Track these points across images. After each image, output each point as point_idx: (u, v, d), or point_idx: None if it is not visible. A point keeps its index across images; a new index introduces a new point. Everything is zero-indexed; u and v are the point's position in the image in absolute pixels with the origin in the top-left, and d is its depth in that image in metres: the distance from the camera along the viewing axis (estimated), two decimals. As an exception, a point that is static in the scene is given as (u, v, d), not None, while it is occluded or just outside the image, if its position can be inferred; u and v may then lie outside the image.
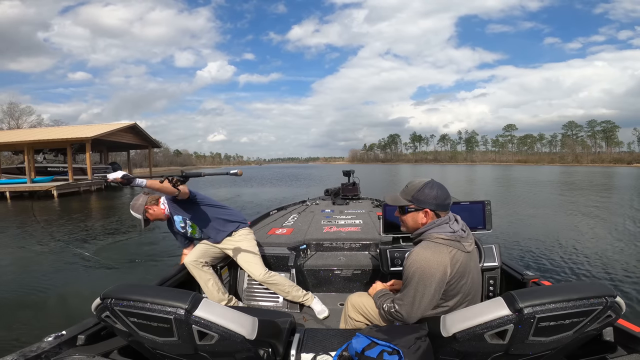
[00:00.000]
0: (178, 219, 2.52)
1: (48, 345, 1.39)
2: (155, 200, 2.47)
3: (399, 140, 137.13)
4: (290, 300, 2.56)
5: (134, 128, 26.09)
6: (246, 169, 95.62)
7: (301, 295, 2.53)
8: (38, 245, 7.31)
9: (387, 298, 1.60)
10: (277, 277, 2.51)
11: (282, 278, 2.54)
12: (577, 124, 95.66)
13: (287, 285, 2.52)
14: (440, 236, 1.45)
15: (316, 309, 2.51)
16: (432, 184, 1.52)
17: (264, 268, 2.50)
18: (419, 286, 1.41)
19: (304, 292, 2.56)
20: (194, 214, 2.48)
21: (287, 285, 2.51)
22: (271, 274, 2.50)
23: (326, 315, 2.48)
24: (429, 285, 1.40)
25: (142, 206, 2.40)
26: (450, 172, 44.78)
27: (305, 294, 2.55)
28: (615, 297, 1.14)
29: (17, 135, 23.79)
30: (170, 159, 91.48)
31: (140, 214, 2.40)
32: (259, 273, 2.46)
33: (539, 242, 6.39)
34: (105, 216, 11.70)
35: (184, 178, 1.87)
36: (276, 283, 2.49)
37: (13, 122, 49.37)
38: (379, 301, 1.62)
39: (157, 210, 2.46)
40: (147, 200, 2.43)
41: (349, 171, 6.50)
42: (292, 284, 2.56)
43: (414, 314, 1.44)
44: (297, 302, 2.55)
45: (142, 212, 2.40)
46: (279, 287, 2.50)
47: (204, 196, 2.55)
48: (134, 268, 5.56)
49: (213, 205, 2.56)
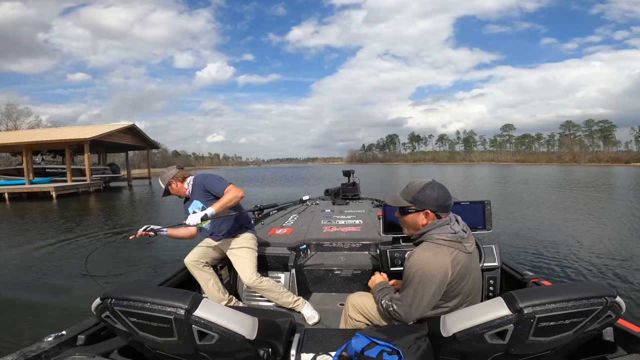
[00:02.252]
0: (196, 204, 2.50)
1: (48, 345, 1.39)
2: (182, 177, 2.51)
3: (397, 140, 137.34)
4: (280, 307, 2.52)
5: (132, 129, 26.04)
6: (244, 169, 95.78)
7: (291, 302, 2.49)
8: (37, 245, 7.28)
9: (386, 293, 1.59)
10: (266, 282, 2.46)
11: (272, 284, 2.49)
12: (574, 123, 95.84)
13: (277, 291, 2.47)
14: (441, 237, 1.44)
15: (306, 315, 2.47)
16: (433, 184, 1.51)
17: (255, 274, 2.45)
18: (419, 287, 1.41)
19: (295, 297, 2.53)
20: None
21: (276, 291, 2.47)
22: (261, 280, 2.44)
23: (316, 321, 2.44)
24: (429, 286, 1.39)
25: (168, 178, 2.48)
26: (448, 172, 44.83)
27: (296, 300, 2.51)
28: (615, 297, 1.14)
29: (16, 137, 23.75)
30: (168, 159, 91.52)
31: (164, 184, 2.49)
32: (248, 278, 2.42)
33: (539, 242, 6.37)
34: (104, 217, 11.65)
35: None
36: (265, 289, 2.45)
37: (11, 124, 49.39)
38: (378, 295, 1.61)
39: (180, 187, 2.50)
40: (175, 175, 2.49)
41: (349, 171, 6.48)
42: (282, 290, 2.51)
43: (412, 314, 1.44)
44: (286, 309, 2.49)
45: (166, 183, 2.49)
46: (268, 293, 2.46)
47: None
48: (134, 268, 5.53)
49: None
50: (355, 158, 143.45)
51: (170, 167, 2.57)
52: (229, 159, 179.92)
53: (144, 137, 27.73)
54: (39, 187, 18.34)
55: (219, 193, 2.34)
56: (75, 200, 17.20)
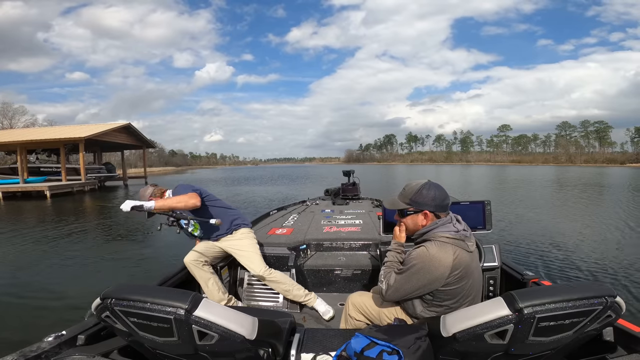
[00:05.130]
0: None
1: (48, 345, 1.39)
2: (160, 192, 2.49)
3: (394, 140, 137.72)
4: (291, 300, 2.53)
5: (127, 128, 25.90)
6: (240, 169, 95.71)
7: (302, 295, 2.49)
8: (35, 245, 7.24)
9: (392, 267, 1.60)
10: (277, 274, 2.48)
11: (283, 276, 2.51)
12: (570, 124, 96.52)
13: (289, 283, 2.49)
14: (444, 235, 1.45)
15: (320, 310, 2.46)
16: (430, 185, 1.52)
17: (265, 265, 2.48)
18: (412, 277, 1.44)
19: (306, 292, 2.53)
20: (197, 213, 2.45)
21: (288, 283, 2.48)
22: (272, 271, 2.47)
23: (331, 315, 2.44)
24: (422, 279, 1.43)
25: (147, 197, 2.44)
26: (445, 172, 44.99)
27: (308, 294, 2.51)
28: (615, 297, 1.15)
29: (10, 135, 23.55)
30: (165, 159, 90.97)
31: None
32: (259, 269, 2.44)
33: (539, 242, 6.39)
34: (100, 216, 11.59)
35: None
36: (277, 280, 2.46)
37: (6, 122, 48.97)
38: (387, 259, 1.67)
39: None
40: (153, 192, 2.47)
41: (349, 171, 6.48)
42: (293, 283, 2.53)
43: (393, 297, 1.54)
44: (298, 302, 2.52)
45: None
46: (279, 285, 2.47)
47: (211, 196, 2.54)
48: (134, 268, 5.51)
49: (218, 205, 2.55)
50: (352, 158, 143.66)
51: (144, 188, 2.53)
52: (225, 159, 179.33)
53: (139, 136, 27.58)
54: (33, 187, 18.19)
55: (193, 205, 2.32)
56: (69, 199, 17.10)
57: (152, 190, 2.48)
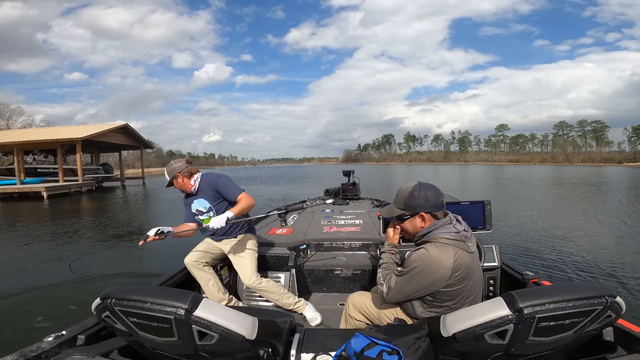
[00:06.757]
0: (202, 202, 2.44)
1: (48, 345, 1.39)
2: (189, 173, 2.41)
3: (393, 140, 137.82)
4: (281, 308, 2.49)
5: (125, 129, 25.81)
6: (238, 169, 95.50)
7: (292, 303, 2.46)
8: (34, 245, 7.21)
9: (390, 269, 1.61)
10: (265, 283, 2.43)
11: (272, 285, 2.46)
12: (568, 124, 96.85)
13: (277, 292, 2.44)
14: (445, 236, 1.45)
15: (308, 316, 2.43)
16: (420, 186, 1.52)
17: (255, 275, 2.43)
18: (413, 280, 1.44)
19: (296, 299, 2.50)
20: (220, 208, 2.40)
21: (276, 292, 2.44)
22: (260, 281, 2.42)
23: (319, 322, 2.41)
24: (423, 281, 1.42)
25: (174, 172, 2.37)
26: (443, 171, 45.07)
27: (297, 301, 2.48)
28: (615, 297, 1.15)
29: (7, 136, 23.42)
30: (163, 159, 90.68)
31: (170, 176, 2.40)
32: (248, 279, 2.39)
33: (539, 242, 6.40)
34: (99, 217, 11.54)
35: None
36: (265, 289, 2.42)
37: (3, 123, 48.72)
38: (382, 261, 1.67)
39: (185, 182, 2.40)
40: (182, 169, 2.39)
41: (349, 171, 6.45)
42: (282, 291, 2.48)
43: (394, 300, 1.53)
44: (287, 310, 2.46)
45: (172, 177, 2.40)
46: (268, 294, 2.44)
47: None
48: (134, 268, 5.49)
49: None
50: (350, 158, 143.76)
51: (178, 159, 2.46)
52: (224, 159, 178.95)
53: (137, 137, 27.49)
54: (30, 187, 18.13)
55: (231, 197, 2.33)
56: (67, 200, 17.03)
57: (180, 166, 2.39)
